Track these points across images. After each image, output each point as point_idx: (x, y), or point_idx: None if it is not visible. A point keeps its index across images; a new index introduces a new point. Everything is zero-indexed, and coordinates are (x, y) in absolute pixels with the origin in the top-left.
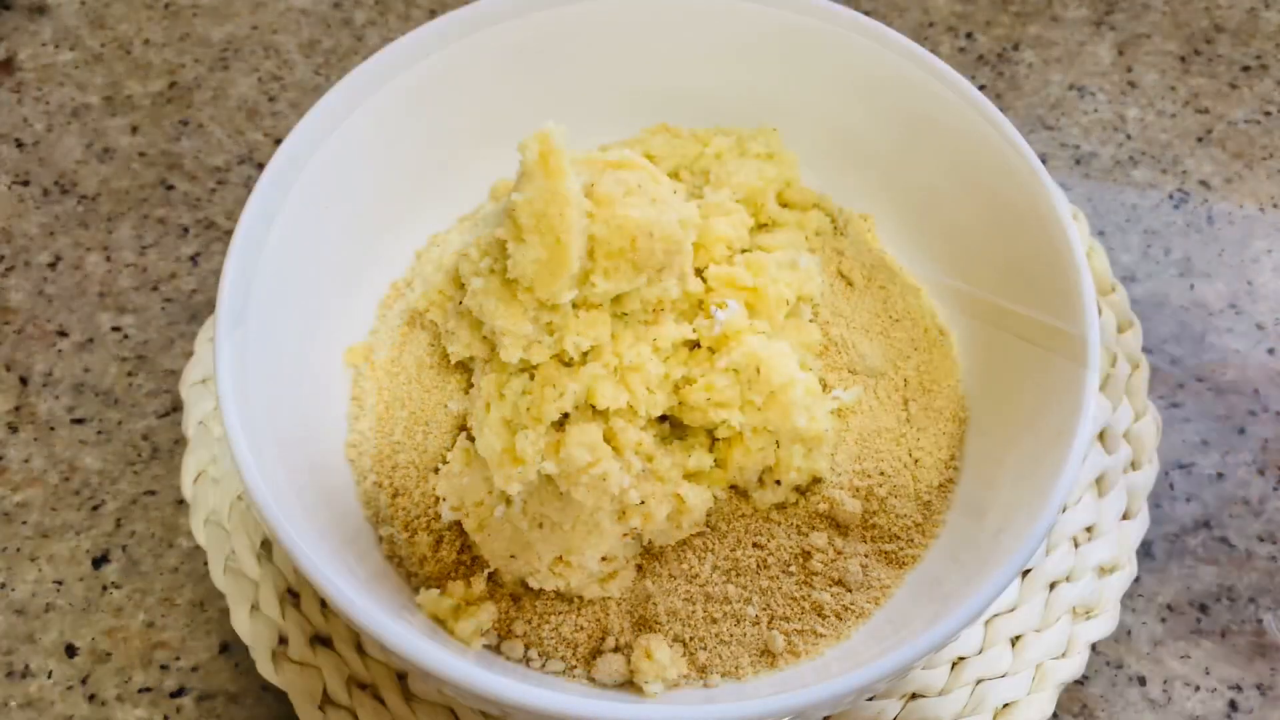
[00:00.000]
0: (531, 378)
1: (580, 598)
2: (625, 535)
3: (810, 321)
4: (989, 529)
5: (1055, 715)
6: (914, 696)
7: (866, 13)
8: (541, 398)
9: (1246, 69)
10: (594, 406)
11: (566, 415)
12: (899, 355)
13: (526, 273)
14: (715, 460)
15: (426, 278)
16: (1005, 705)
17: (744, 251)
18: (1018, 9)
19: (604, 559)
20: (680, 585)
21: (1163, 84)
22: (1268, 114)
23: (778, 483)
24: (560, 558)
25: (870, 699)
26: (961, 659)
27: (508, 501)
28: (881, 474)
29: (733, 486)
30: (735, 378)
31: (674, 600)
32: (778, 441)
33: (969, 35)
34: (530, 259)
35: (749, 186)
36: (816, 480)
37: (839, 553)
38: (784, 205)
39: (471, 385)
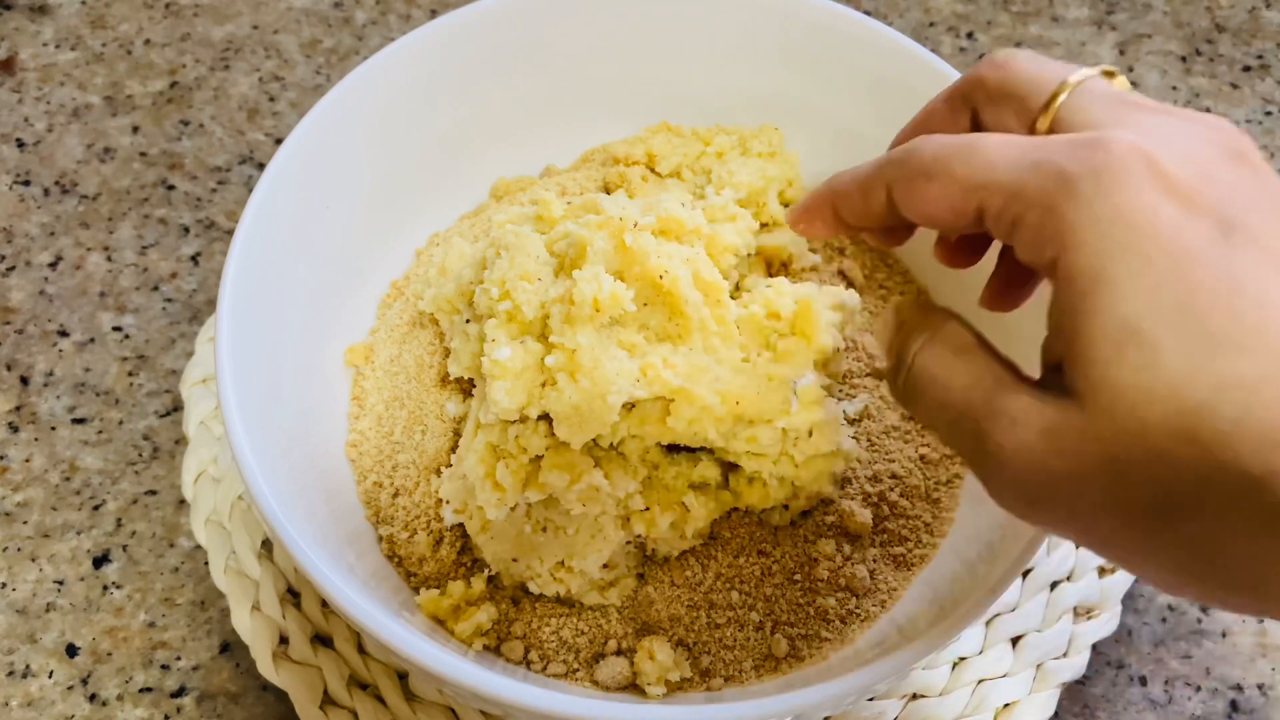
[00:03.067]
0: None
1: (580, 603)
2: (628, 543)
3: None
4: (993, 526)
5: (1056, 715)
6: (915, 697)
7: (867, 12)
8: (531, 431)
9: (1248, 69)
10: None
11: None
12: None
13: (556, 408)
14: (730, 488)
15: (430, 280)
16: (1006, 705)
17: (784, 267)
18: (1019, 8)
19: (605, 566)
20: (683, 593)
21: (1164, 84)
22: (1269, 114)
23: (785, 507)
24: (562, 563)
25: (871, 699)
26: (962, 659)
27: (512, 507)
28: (893, 476)
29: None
30: (784, 435)
31: (677, 607)
32: (795, 484)
33: (970, 35)
34: (565, 402)
35: (751, 186)
36: (827, 500)
37: (847, 559)
38: (785, 205)
39: (470, 393)
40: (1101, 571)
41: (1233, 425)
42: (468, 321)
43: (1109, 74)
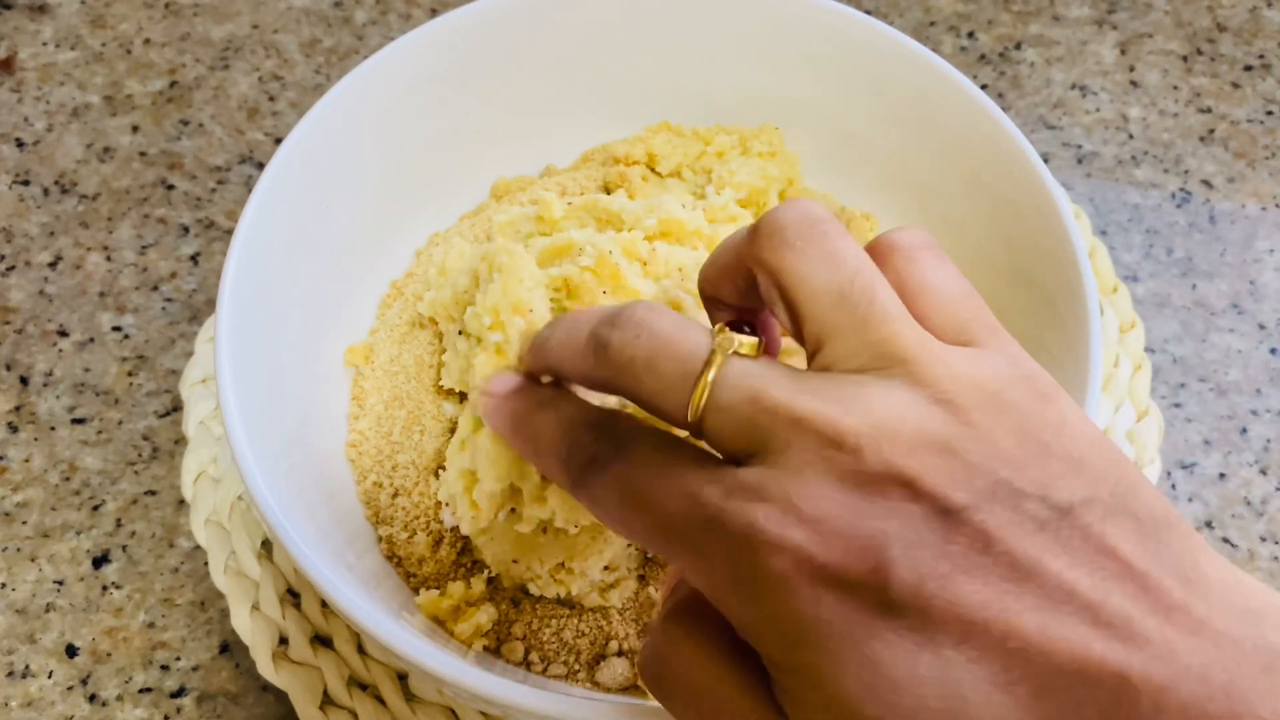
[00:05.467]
0: None
1: (581, 605)
2: (629, 545)
3: None
4: None
5: None
6: None
7: (868, 11)
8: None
9: (1249, 68)
10: None
11: None
12: None
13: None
14: None
15: (430, 280)
16: None
17: None
18: (1019, 8)
19: (607, 568)
20: None
21: (1165, 83)
22: (1270, 113)
23: None
24: (562, 565)
25: None
26: None
27: (511, 509)
28: None
29: None
30: None
31: None
32: None
33: (970, 34)
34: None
35: (751, 185)
36: None
37: None
38: None
39: (464, 397)
40: None
41: None
42: (460, 334)
43: (726, 344)
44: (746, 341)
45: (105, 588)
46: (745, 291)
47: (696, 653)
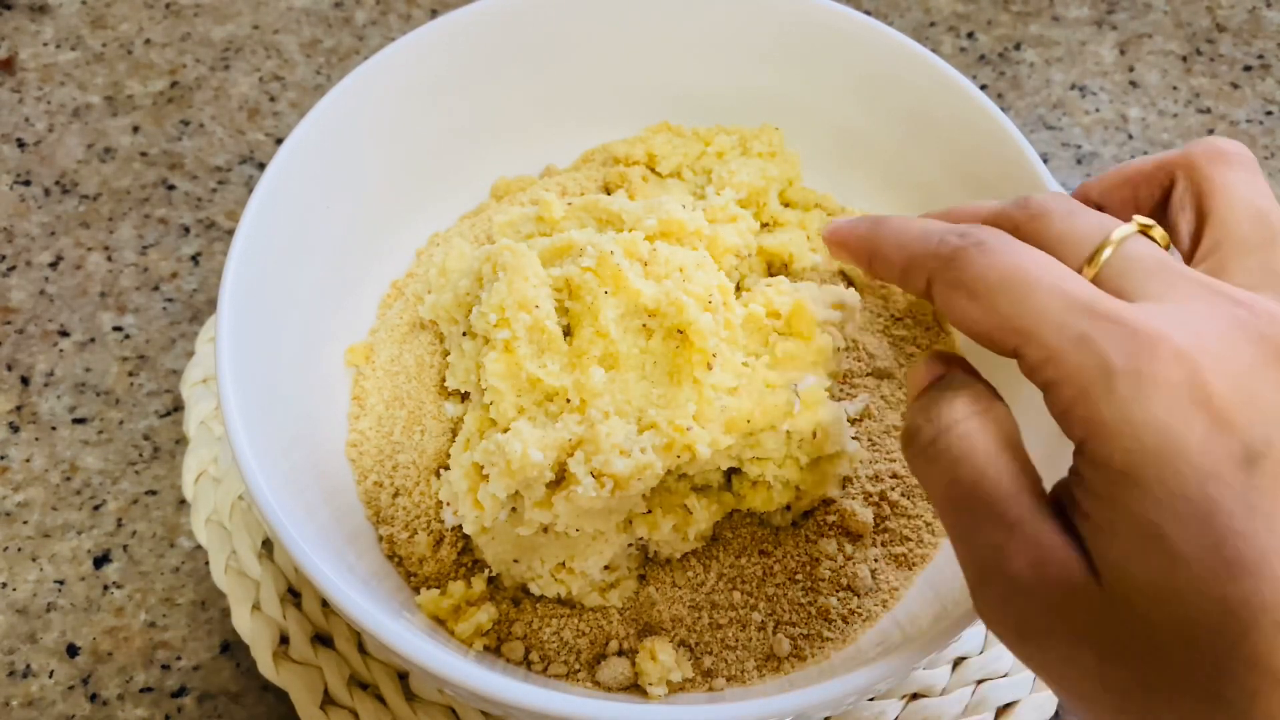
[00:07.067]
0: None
1: (581, 604)
2: (630, 545)
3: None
4: None
5: (1057, 715)
6: (915, 697)
7: (868, 12)
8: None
9: (1248, 69)
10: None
11: None
12: (901, 354)
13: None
14: (733, 490)
15: (431, 281)
16: (1007, 705)
17: (785, 267)
18: (1019, 8)
19: (607, 568)
20: (685, 593)
21: (1164, 84)
22: (1269, 114)
23: (788, 508)
24: (563, 564)
25: (872, 699)
26: (963, 659)
27: (513, 508)
28: (894, 475)
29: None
30: (788, 438)
31: (679, 608)
32: (799, 488)
33: (970, 35)
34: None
35: (751, 185)
36: (828, 500)
37: (849, 558)
38: (786, 204)
39: (466, 397)
40: None
41: (1233, 648)
42: (464, 334)
43: (1145, 229)
44: (1160, 230)
45: (106, 587)
46: (1141, 199)
47: (980, 422)
